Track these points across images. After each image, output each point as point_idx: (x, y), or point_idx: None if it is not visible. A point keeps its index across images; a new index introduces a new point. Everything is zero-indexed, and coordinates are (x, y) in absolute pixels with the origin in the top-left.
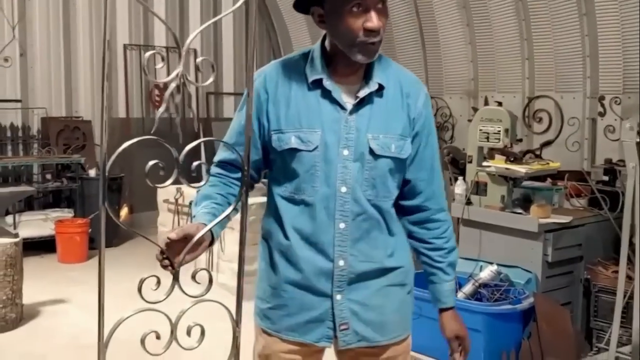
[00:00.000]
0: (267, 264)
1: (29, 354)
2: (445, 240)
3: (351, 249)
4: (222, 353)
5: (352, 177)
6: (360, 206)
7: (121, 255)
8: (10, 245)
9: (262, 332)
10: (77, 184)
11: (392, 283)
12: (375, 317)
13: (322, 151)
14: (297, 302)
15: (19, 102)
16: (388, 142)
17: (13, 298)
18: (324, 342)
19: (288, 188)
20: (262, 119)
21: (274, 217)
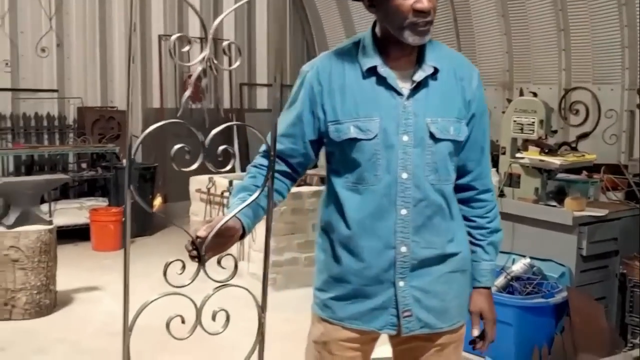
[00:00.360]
0: (328, 255)
1: (63, 339)
2: (489, 220)
3: (413, 236)
4: (249, 341)
5: (412, 163)
6: (421, 192)
7: (154, 245)
8: (44, 232)
9: (321, 320)
10: (111, 173)
11: (454, 269)
12: (437, 304)
13: (381, 139)
14: (360, 291)
15: (56, 92)
16: (446, 125)
17: (47, 284)
18: (388, 329)
19: (349, 178)
20: (316, 112)
21: (334, 209)
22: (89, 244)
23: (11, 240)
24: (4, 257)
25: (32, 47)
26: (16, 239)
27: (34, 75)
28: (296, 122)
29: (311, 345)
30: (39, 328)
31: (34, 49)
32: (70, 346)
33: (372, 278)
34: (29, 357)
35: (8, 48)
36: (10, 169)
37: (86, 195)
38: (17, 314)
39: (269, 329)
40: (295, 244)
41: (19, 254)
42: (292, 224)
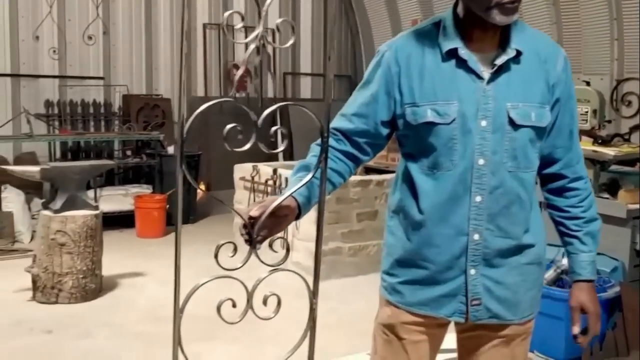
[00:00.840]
0: (398, 239)
1: (108, 323)
2: (583, 209)
3: (487, 224)
4: (295, 330)
5: (490, 149)
6: (498, 179)
7: (197, 232)
8: (90, 217)
9: (389, 303)
10: (156, 161)
11: (530, 261)
12: (509, 296)
13: (459, 123)
14: (430, 276)
15: (102, 80)
16: (527, 110)
17: (93, 269)
18: (457, 317)
19: (424, 163)
20: (393, 92)
21: (407, 192)
22: (133, 231)
23: (58, 225)
24: (51, 241)
25: (79, 34)
26: (63, 223)
27: (80, 63)
28: (370, 102)
29: (378, 327)
30: (84, 312)
31: (81, 36)
32: (115, 330)
33: (443, 264)
34: (76, 341)
35: (56, 36)
36: (57, 155)
37: (131, 182)
38: (63, 297)
39: (305, 315)
40: (339, 233)
41: (66, 238)
42: (336, 213)
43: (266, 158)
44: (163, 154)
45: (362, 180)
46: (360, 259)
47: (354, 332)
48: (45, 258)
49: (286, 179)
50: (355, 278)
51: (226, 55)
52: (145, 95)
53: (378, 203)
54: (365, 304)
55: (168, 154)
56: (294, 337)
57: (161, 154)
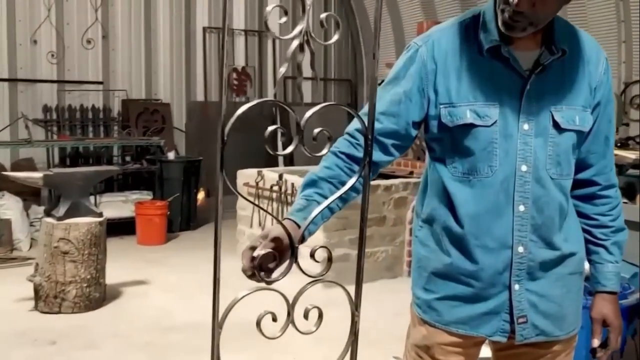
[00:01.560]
0: (433, 251)
1: (114, 333)
2: (612, 218)
3: (531, 235)
4: (304, 340)
5: (533, 154)
6: (542, 187)
7: (199, 239)
8: (95, 224)
9: (423, 322)
10: (156, 167)
11: (572, 271)
12: (554, 309)
13: (500, 126)
14: (471, 293)
15: (101, 84)
16: (572, 114)
17: (97, 277)
18: (499, 337)
19: (459, 169)
20: (427, 91)
21: (441, 201)
22: (134, 238)
23: (61, 232)
24: (54, 249)
25: (78, 39)
26: (66, 230)
27: (79, 67)
28: (402, 100)
29: (412, 349)
30: (89, 322)
31: (80, 40)
32: (122, 341)
33: (485, 280)
34: (82, 352)
35: (54, 39)
36: (55, 161)
37: (130, 189)
38: (66, 307)
39: (323, 327)
40: (347, 240)
41: (69, 246)
42: (345, 219)
43: (267, 163)
44: (163, 159)
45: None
46: (368, 265)
47: (365, 341)
48: (48, 266)
49: (292, 184)
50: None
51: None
52: (144, 100)
53: (386, 209)
54: (375, 312)
55: (168, 160)
56: (306, 348)
57: (161, 160)
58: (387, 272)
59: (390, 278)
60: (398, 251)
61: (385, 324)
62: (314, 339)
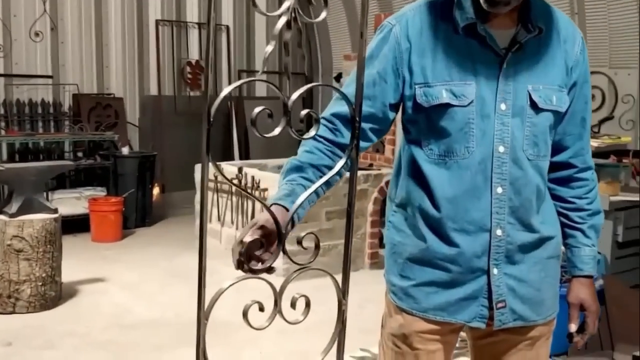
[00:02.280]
0: (408, 237)
1: (72, 332)
2: (589, 201)
3: (509, 217)
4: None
5: (510, 135)
6: (519, 168)
7: (155, 235)
8: (49, 221)
9: (399, 311)
10: (110, 162)
11: (550, 255)
12: (533, 294)
13: (477, 106)
14: (449, 278)
15: (50, 78)
16: (549, 93)
17: (53, 276)
18: (477, 322)
19: (435, 150)
20: (402, 71)
21: (416, 184)
22: (88, 235)
23: (14, 230)
24: (7, 248)
25: (26, 31)
26: (20, 228)
27: (27, 61)
28: (377, 81)
29: (388, 338)
30: (45, 321)
31: (27, 33)
32: (80, 340)
33: (463, 265)
34: (39, 352)
35: (0, 32)
36: (3, 157)
37: (83, 185)
38: (21, 307)
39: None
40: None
41: (23, 243)
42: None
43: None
44: (117, 154)
45: None
46: (330, 258)
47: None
48: (0, 265)
49: (252, 177)
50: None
51: (180, 52)
52: (96, 95)
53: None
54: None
55: (122, 155)
56: (272, 341)
57: (115, 155)
58: None
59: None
60: (360, 244)
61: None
62: (278, 332)
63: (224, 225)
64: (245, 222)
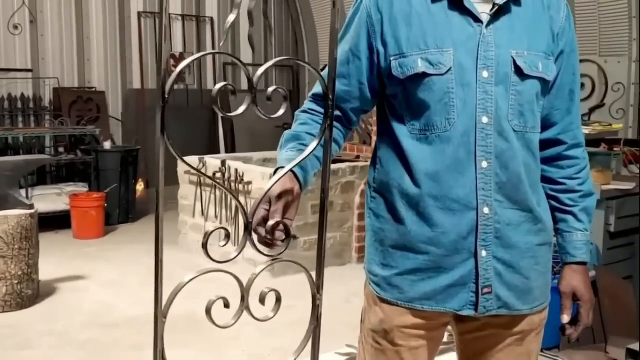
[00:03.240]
0: (387, 222)
1: (49, 331)
2: (580, 182)
3: (496, 194)
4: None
5: (494, 104)
6: (505, 140)
7: (139, 231)
8: (25, 217)
9: (382, 302)
10: (91, 157)
11: (542, 242)
12: (520, 282)
13: (456, 74)
14: (434, 263)
15: (30, 72)
16: (534, 59)
17: (29, 273)
18: (468, 310)
19: (416, 125)
20: (375, 44)
21: (395, 164)
22: (70, 232)
23: None
24: None
25: (4, 24)
26: None
27: (6, 55)
28: (350, 59)
29: (368, 334)
30: (22, 320)
31: (6, 26)
32: (58, 339)
33: (448, 247)
34: (15, 352)
35: None
36: None
37: (65, 181)
38: None
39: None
40: (295, 227)
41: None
42: None
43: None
44: (99, 149)
45: None
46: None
47: None
48: None
49: (236, 170)
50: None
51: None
52: (77, 89)
53: (333, 194)
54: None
55: (104, 150)
56: (254, 339)
57: (97, 150)
58: (336, 260)
59: (339, 265)
60: (347, 238)
61: (336, 312)
62: (261, 329)
63: (208, 220)
64: (230, 216)
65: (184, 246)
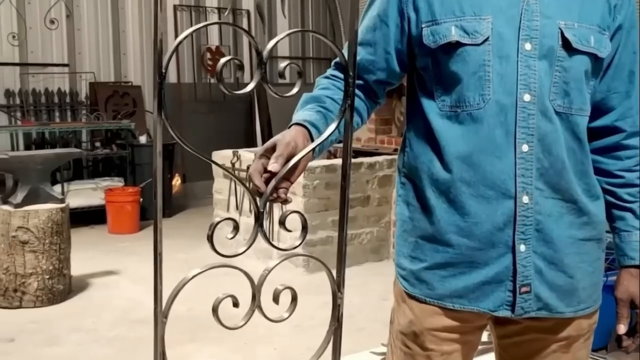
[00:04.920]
0: (416, 210)
1: (78, 328)
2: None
3: (537, 181)
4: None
5: (538, 81)
6: (549, 121)
7: (174, 227)
8: (56, 211)
9: (410, 298)
10: (127, 151)
11: (588, 236)
12: (563, 280)
13: (494, 45)
14: (466, 256)
15: (67, 67)
16: (586, 33)
17: (60, 268)
18: (504, 311)
19: (446, 101)
20: (406, 10)
21: (424, 145)
22: (105, 227)
23: (19, 221)
24: (12, 239)
25: (41, 18)
26: (25, 218)
27: (43, 49)
28: (377, 25)
29: (397, 337)
30: (52, 316)
31: (43, 21)
32: (87, 335)
33: (481, 239)
34: (41, 349)
35: (15, 20)
36: (20, 148)
37: (101, 175)
38: (28, 301)
39: (305, 314)
40: (330, 221)
41: (29, 235)
42: (326, 200)
43: (244, 144)
44: (135, 144)
45: (352, 163)
46: (352, 248)
47: (353, 328)
48: (5, 258)
49: None
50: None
51: (199, 38)
52: (114, 83)
53: (370, 188)
54: (361, 296)
55: (140, 144)
56: (287, 337)
57: (133, 144)
58: (373, 255)
59: (376, 261)
60: (384, 232)
61: (371, 309)
62: (296, 327)
63: (242, 214)
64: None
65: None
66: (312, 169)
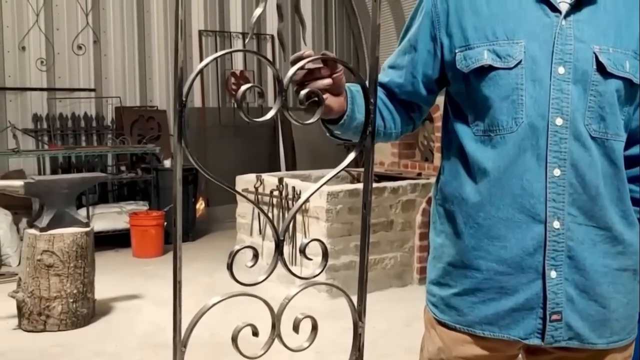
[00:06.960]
0: (448, 237)
1: (101, 352)
2: None
3: (569, 207)
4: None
5: (570, 105)
6: (582, 146)
7: (197, 250)
8: (80, 235)
9: (439, 325)
10: (152, 175)
11: (623, 266)
12: (595, 310)
13: (527, 68)
14: (496, 282)
15: (93, 91)
16: (621, 57)
17: (84, 292)
18: (534, 339)
19: (480, 126)
20: (440, 36)
21: (458, 169)
22: (129, 251)
23: (45, 244)
24: (37, 263)
25: (68, 44)
26: (50, 242)
27: (70, 74)
28: (407, 50)
29: None
30: (75, 340)
31: (70, 46)
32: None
33: (510, 264)
34: None
35: (43, 46)
36: (46, 172)
37: (125, 199)
38: (52, 324)
39: (328, 340)
40: (353, 246)
41: (54, 258)
42: (349, 224)
43: (268, 168)
44: (160, 168)
45: (375, 188)
46: (376, 273)
47: (376, 354)
48: (31, 281)
49: (293, 188)
50: (372, 294)
51: (224, 63)
52: (139, 107)
53: (393, 212)
54: (386, 322)
55: (164, 168)
56: None
57: (157, 168)
58: (397, 280)
59: (400, 287)
60: (407, 257)
61: (395, 336)
62: (319, 353)
63: (265, 239)
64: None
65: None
66: (335, 193)
